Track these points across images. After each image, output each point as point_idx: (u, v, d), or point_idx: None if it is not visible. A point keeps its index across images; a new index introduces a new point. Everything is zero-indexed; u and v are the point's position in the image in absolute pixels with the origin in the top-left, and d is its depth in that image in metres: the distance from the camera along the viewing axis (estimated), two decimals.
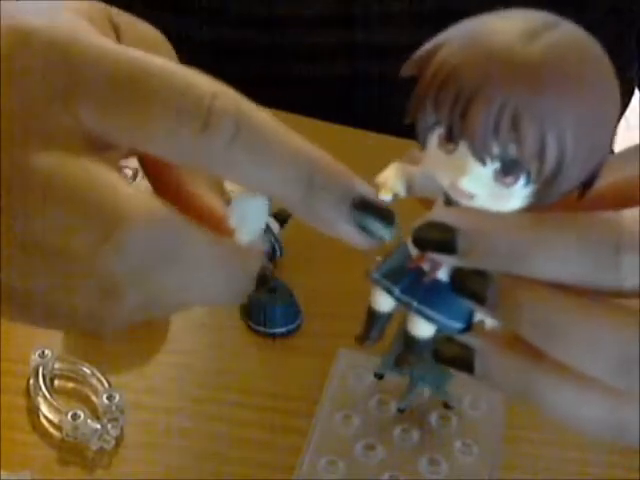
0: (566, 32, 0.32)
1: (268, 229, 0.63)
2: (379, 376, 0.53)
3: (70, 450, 0.50)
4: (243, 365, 0.56)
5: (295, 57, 0.78)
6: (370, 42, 0.75)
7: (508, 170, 0.31)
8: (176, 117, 0.31)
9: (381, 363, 0.52)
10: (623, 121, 0.84)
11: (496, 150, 0.31)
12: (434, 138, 0.33)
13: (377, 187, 0.35)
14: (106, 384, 0.53)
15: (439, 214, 0.33)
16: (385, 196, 0.34)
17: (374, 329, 0.38)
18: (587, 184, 0.33)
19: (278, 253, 0.63)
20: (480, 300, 0.33)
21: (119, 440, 0.51)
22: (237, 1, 0.75)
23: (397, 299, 0.36)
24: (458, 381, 0.51)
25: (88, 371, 0.54)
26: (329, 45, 0.77)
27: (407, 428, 0.50)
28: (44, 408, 0.52)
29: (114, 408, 0.51)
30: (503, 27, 0.31)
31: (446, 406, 0.52)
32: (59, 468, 0.50)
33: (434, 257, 0.33)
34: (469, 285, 0.33)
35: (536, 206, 0.32)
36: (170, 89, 0.32)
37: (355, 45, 0.76)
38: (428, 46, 0.33)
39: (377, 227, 0.33)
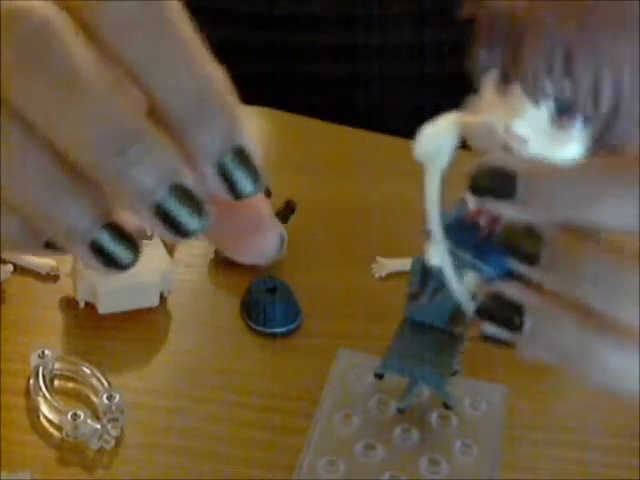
0: None
1: None
2: (379, 376, 0.53)
3: (70, 450, 0.50)
4: (243, 365, 0.56)
5: (296, 57, 0.78)
6: (370, 42, 0.76)
7: (563, 110, 0.30)
8: None
9: (381, 363, 0.52)
10: None
11: (549, 89, 0.30)
12: (489, 80, 0.31)
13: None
14: (106, 384, 0.53)
15: (497, 158, 0.30)
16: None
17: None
18: None
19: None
20: (533, 260, 0.30)
21: (119, 440, 0.51)
22: (238, 1, 0.75)
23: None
24: (458, 381, 0.51)
25: (88, 371, 0.54)
26: (329, 45, 0.77)
27: (407, 428, 0.50)
28: (44, 408, 0.52)
29: (114, 408, 0.51)
30: None
31: (446, 406, 0.51)
32: (59, 468, 0.50)
33: (491, 207, 0.31)
34: (521, 245, 0.30)
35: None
36: None
37: (355, 45, 0.76)
38: None
39: (244, 183, 0.29)
